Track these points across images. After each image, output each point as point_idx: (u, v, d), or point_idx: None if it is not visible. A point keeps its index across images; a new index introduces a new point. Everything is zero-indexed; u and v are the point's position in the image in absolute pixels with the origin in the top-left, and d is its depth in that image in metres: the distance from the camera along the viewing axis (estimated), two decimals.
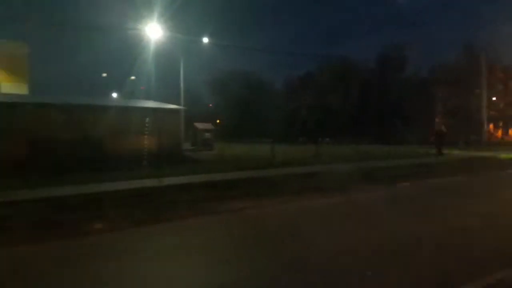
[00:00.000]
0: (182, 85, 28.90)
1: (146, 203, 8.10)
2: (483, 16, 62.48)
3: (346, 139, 34.70)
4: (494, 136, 45.67)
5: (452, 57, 38.88)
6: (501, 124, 46.76)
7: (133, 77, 51.67)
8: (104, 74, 55.62)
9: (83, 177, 10.70)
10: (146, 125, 17.59)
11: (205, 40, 31.24)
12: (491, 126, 47.60)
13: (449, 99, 38.20)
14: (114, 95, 58.63)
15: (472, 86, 36.50)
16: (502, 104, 44.53)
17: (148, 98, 31.78)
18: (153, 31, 27.23)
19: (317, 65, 43.10)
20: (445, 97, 37.76)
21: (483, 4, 76.20)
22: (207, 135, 27.53)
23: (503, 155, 19.82)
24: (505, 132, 56.95)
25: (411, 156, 18.62)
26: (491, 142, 38.17)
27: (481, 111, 32.31)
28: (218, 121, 58.36)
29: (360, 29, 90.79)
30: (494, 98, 46.17)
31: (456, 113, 37.76)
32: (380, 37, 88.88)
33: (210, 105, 57.84)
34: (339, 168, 13.64)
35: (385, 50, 39.94)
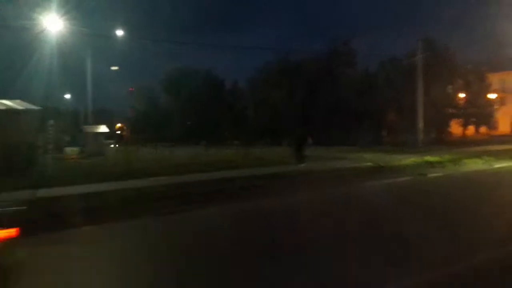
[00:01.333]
0: (89, 83, 26.65)
1: None
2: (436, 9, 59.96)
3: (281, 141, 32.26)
4: (452, 134, 43.02)
5: (405, 52, 36.01)
6: (463, 121, 44.05)
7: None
8: None
9: None
10: None
11: (119, 33, 28.87)
12: (453, 123, 45.04)
13: (403, 96, 35.45)
14: (67, 96, 56.40)
15: (426, 82, 33.89)
16: (464, 101, 41.88)
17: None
18: (54, 24, 24.88)
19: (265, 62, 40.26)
20: (398, 94, 34.99)
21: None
22: (99, 139, 25.04)
23: (400, 162, 16.96)
24: (477, 131, 54.33)
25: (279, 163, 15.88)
26: (444, 141, 35.61)
27: (417, 109, 29.72)
28: (188, 122, 56.08)
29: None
30: (463, 95, 43.57)
31: (408, 111, 35.12)
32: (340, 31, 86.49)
33: (131, 88, 54.50)
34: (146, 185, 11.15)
35: (334, 44, 37.21)
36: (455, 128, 48.28)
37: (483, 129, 52.84)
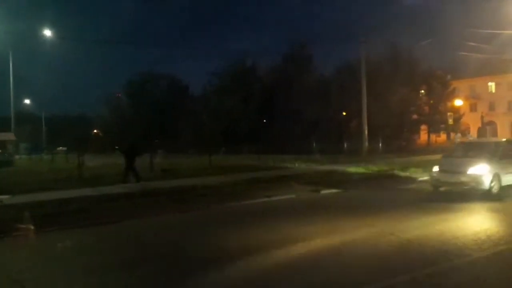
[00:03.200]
0: (12, 84, 24.75)
1: None
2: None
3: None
4: (416, 142, 41.72)
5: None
6: (428, 128, 42.75)
7: None
8: None
9: None
10: None
11: (48, 33, 27.34)
12: (421, 130, 43.85)
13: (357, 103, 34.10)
14: (27, 101, 54.34)
15: (382, 87, 32.48)
16: (427, 107, 40.62)
17: None
18: None
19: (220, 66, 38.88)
20: (351, 100, 33.55)
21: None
22: (8, 148, 23.09)
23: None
24: (448, 137, 53.08)
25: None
26: (399, 149, 34.14)
27: (361, 117, 28.25)
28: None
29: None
30: (431, 101, 42.36)
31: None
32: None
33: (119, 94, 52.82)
34: None
35: (290, 48, 35.74)
36: (425, 135, 46.99)
37: (454, 136, 51.56)
